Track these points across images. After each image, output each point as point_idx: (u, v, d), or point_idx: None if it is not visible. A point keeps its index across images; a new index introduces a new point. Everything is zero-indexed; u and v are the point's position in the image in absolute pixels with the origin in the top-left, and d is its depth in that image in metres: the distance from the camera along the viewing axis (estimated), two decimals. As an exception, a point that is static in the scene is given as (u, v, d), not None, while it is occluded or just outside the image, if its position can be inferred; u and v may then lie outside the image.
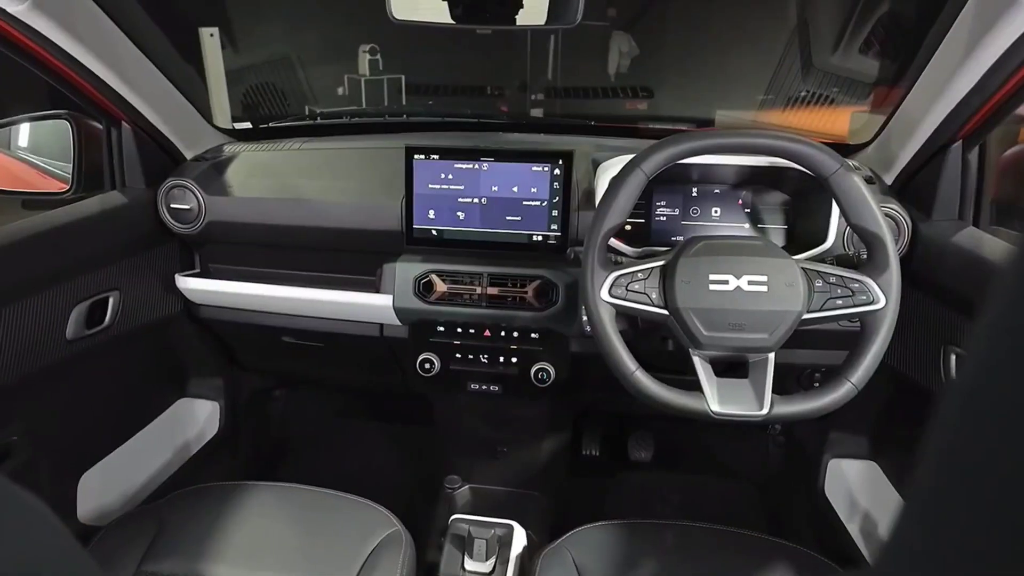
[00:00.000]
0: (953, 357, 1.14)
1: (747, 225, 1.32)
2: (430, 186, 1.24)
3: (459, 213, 1.25)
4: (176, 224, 1.37)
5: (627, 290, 1.01)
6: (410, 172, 1.23)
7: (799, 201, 1.28)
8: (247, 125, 1.61)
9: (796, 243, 1.26)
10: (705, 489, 1.89)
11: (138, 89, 1.26)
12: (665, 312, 1.00)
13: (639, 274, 1.01)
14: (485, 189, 1.23)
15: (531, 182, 1.22)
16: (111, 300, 1.29)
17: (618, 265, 1.03)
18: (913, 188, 1.26)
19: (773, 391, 0.98)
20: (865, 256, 1.04)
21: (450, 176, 1.23)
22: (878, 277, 0.97)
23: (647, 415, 1.96)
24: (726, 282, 0.98)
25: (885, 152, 1.30)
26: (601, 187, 1.23)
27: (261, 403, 1.92)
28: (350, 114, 1.68)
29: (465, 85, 2.13)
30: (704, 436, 1.97)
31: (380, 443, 2.02)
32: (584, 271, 1.01)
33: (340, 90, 1.97)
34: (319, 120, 1.69)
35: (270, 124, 1.66)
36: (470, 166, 1.22)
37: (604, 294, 1.00)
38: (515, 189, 1.23)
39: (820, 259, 1.13)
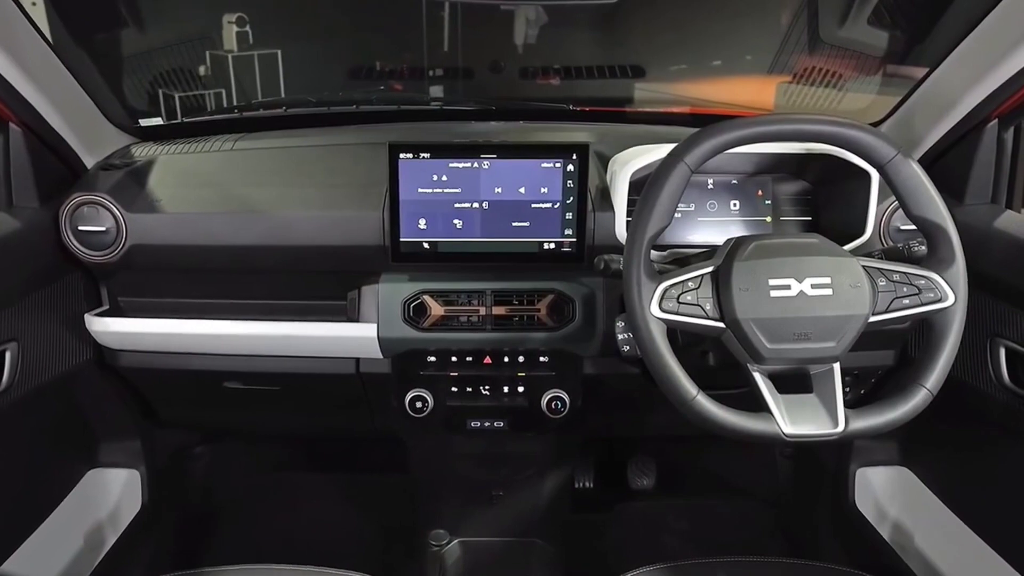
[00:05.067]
0: (1003, 351, 1.23)
1: (768, 219, 1.36)
2: (420, 190, 1.19)
3: (456, 221, 1.21)
4: (85, 251, 1.24)
5: (679, 302, 1.01)
6: (395, 174, 1.18)
7: (822, 190, 1.34)
8: (157, 121, 1.49)
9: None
10: (714, 513, 1.94)
11: (35, 79, 1.13)
12: (722, 325, 1.01)
13: (689, 283, 1.02)
14: (487, 191, 1.20)
15: (541, 181, 1.20)
16: (8, 355, 1.16)
17: (662, 274, 1.03)
18: (939, 170, 1.35)
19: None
20: (916, 249, 1.10)
21: (444, 177, 1.19)
22: (944, 272, 1.01)
23: (644, 438, 1.99)
24: (788, 287, 1.00)
25: (906, 131, 1.38)
26: (619, 183, 1.23)
27: (184, 465, 1.79)
28: (287, 104, 1.59)
29: (359, 66, 2.06)
30: (707, 455, 2.02)
31: (335, 499, 1.93)
32: (629, 284, 1.01)
33: (202, 69, 1.88)
34: (250, 113, 1.59)
35: (184, 120, 1.55)
36: (468, 165, 1.19)
37: (655, 309, 0.99)
38: (522, 190, 1.20)
39: (867, 254, 1.18)
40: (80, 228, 1.23)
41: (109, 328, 1.28)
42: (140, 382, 1.47)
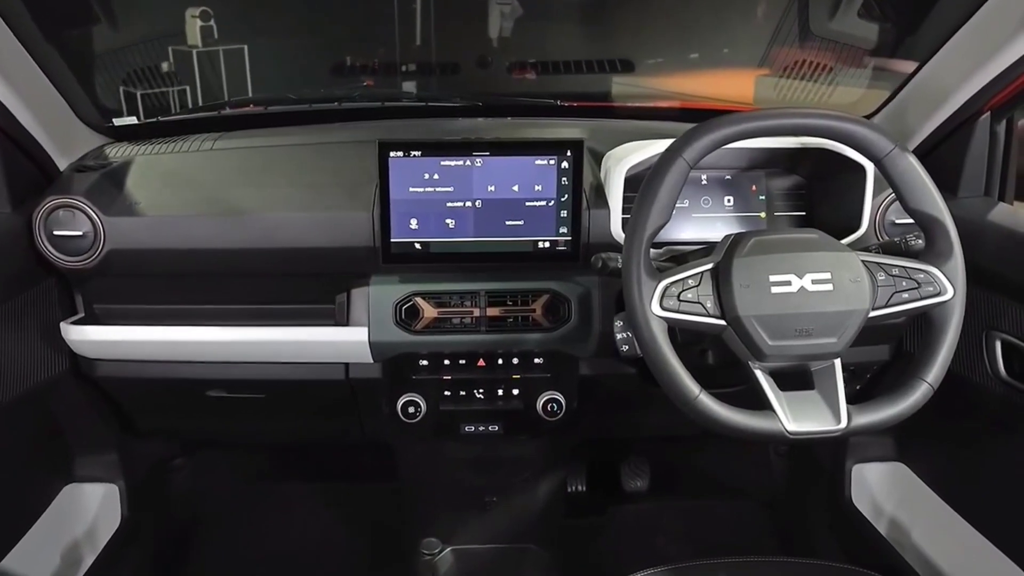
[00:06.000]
0: (999, 344, 1.25)
1: (763, 214, 1.37)
2: (411, 189, 1.18)
3: (448, 220, 1.20)
4: (61, 257, 1.22)
5: (679, 300, 1.01)
6: (385, 173, 1.17)
7: (816, 185, 1.36)
8: (131, 120, 1.47)
9: None
10: (710, 513, 1.95)
11: (4, 76, 1.11)
12: (723, 323, 1.01)
13: (689, 280, 1.02)
14: (479, 190, 1.19)
15: (535, 178, 1.20)
16: None
17: (661, 272, 1.04)
18: (932, 163, 1.37)
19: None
20: (913, 243, 1.11)
21: (436, 176, 1.18)
22: (943, 265, 1.03)
23: (637, 439, 2.00)
24: (788, 283, 1.01)
25: (898, 125, 1.40)
26: (614, 180, 1.24)
27: (164, 477, 1.77)
28: (267, 101, 1.57)
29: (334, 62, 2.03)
30: (701, 455, 2.04)
31: (322, 509, 1.91)
32: (629, 282, 1.01)
33: (165, 65, 1.86)
34: (229, 111, 1.57)
35: (160, 119, 1.52)
36: (460, 163, 1.18)
37: (655, 307, 1.00)
38: (515, 188, 1.20)
39: (864, 249, 1.20)
40: (55, 233, 1.20)
41: (86, 337, 1.26)
42: (118, 392, 1.44)
